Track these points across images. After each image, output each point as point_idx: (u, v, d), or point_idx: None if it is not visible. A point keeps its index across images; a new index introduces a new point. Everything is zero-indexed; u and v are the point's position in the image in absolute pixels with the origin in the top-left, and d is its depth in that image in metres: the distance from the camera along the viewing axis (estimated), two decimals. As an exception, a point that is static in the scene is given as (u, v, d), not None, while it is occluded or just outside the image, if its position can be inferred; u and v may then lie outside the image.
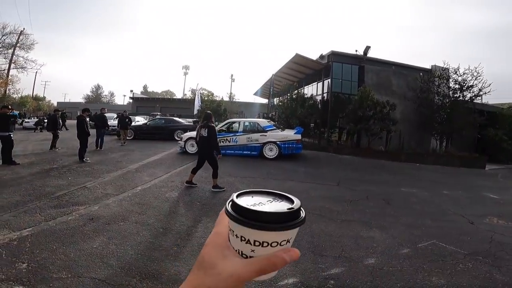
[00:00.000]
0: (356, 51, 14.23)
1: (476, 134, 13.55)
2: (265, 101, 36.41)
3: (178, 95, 57.15)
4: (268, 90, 23.48)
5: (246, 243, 0.33)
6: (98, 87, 69.00)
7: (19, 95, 32.59)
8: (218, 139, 9.67)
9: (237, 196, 0.37)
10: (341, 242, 3.57)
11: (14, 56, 27.36)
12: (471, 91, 12.01)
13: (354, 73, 14.10)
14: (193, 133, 10.41)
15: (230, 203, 0.36)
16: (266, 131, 9.69)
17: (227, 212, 0.35)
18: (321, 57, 14.52)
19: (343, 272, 2.89)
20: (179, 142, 10.10)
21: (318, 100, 14.41)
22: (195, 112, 16.99)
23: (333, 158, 11.55)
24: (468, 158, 12.12)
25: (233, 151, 9.81)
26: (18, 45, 27.36)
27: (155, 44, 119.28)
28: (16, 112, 18.87)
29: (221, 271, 0.33)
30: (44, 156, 8.67)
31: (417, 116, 13.51)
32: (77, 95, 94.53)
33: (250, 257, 0.34)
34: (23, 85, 42.47)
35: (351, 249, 3.40)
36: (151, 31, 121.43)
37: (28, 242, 3.19)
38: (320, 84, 15.18)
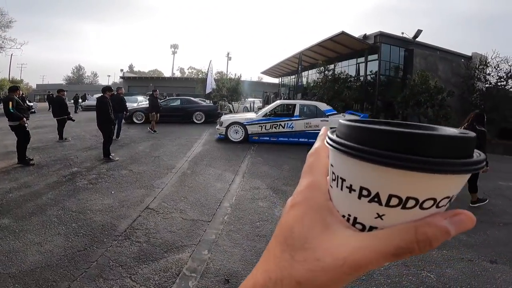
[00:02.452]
0: (403, 33, 13.11)
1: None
2: (250, 78, 34.19)
3: (166, 74, 53.28)
4: (279, 69, 21.59)
5: (371, 200, 0.18)
6: (79, 68, 65.05)
7: None
8: (268, 124, 8.14)
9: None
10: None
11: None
12: None
13: (400, 56, 12.93)
14: (236, 117, 8.51)
15: (336, 131, 0.21)
16: (327, 116, 8.06)
17: (336, 144, 0.19)
18: (365, 37, 13.03)
19: None
20: (218, 128, 8.16)
21: (356, 82, 12.92)
22: (208, 91, 14.73)
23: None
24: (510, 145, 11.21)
25: (286, 139, 8.10)
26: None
27: (140, 21, 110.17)
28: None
29: (323, 255, 0.18)
30: (51, 153, 6.45)
31: (459, 103, 12.57)
32: (57, 76, 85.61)
33: (371, 228, 0.19)
34: (-2, 68, 36.88)
35: None
36: (135, 7, 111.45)
37: None
38: (362, 65, 13.71)
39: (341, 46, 13.08)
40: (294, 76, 20.64)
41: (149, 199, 3.99)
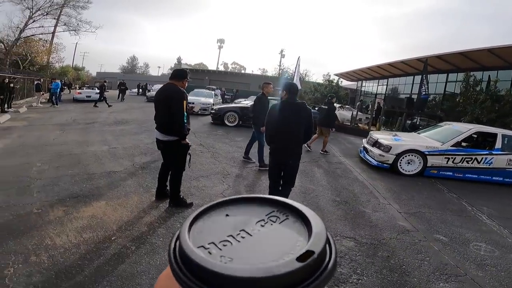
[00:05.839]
0: None
1: None
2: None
3: (210, 68, 51.46)
4: (359, 73, 19.29)
5: None
6: (133, 58, 67.03)
7: (61, 65, 28.46)
8: (458, 156, 5.80)
9: (193, 220, 0.19)
10: None
11: (64, 17, 22.96)
12: None
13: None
14: (410, 143, 6.14)
15: (175, 243, 0.19)
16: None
17: (173, 269, 0.19)
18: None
19: None
20: (382, 154, 6.00)
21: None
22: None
23: None
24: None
25: (476, 176, 6.02)
26: (70, 4, 22.31)
27: (189, 15, 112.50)
28: (58, 82, 14.57)
29: None
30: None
31: None
32: (111, 66, 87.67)
33: None
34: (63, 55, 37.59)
35: None
36: (185, 1, 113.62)
37: None
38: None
39: (489, 58, 10.54)
40: (376, 82, 18.21)
41: None
